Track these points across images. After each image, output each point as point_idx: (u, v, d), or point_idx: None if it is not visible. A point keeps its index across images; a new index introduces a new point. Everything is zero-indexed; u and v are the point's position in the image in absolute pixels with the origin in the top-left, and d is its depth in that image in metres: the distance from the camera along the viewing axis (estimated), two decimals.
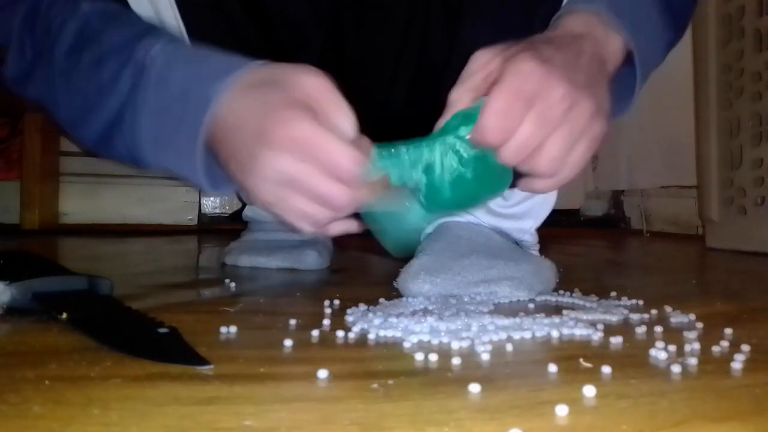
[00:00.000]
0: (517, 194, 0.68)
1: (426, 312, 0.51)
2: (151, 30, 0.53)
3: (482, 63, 0.48)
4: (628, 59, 0.54)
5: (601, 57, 0.50)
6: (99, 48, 0.51)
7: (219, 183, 0.49)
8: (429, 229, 0.69)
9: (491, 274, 0.59)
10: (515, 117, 0.45)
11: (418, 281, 0.58)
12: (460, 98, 0.48)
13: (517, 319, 0.47)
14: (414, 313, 0.51)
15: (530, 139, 0.45)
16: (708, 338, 0.44)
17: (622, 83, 0.55)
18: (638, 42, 0.53)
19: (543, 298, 0.59)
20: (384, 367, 0.37)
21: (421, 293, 0.58)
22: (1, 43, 0.57)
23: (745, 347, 0.40)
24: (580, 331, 0.45)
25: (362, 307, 0.52)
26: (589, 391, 0.32)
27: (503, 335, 0.43)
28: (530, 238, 0.72)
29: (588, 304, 0.55)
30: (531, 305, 0.56)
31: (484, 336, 0.42)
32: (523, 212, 0.70)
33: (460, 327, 0.45)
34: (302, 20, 0.68)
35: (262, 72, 0.46)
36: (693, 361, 0.38)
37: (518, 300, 0.58)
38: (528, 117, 0.45)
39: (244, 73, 0.46)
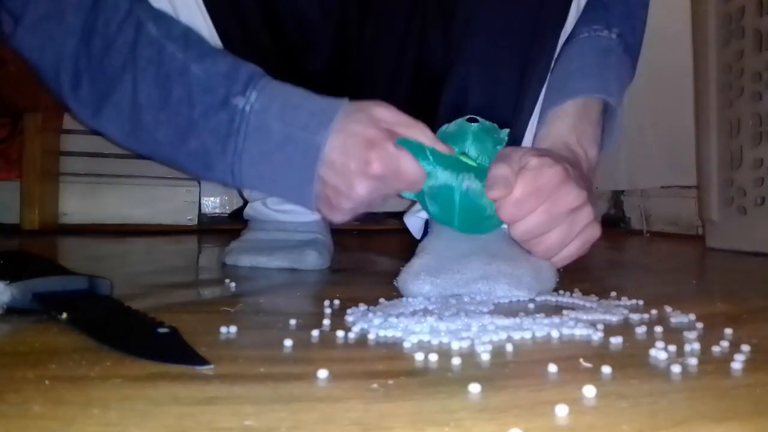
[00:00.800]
0: None
1: (426, 312, 0.51)
2: (234, 62, 0.57)
3: (513, 152, 0.57)
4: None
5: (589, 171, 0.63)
6: (187, 84, 0.56)
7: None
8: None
9: (490, 270, 0.59)
10: (529, 207, 0.55)
11: (419, 282, 0.58)
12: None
13: (517, 319, 0.47)
14: (414, 313, 0.51)
15: (537, 227, 0.56)
16: (708, 338, 0.44)
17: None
18: (620, 118, 0.68)
19: (543, 298, 0.59)
20: (384, 367, 0.37)
21: (422, 293, 0.58)
22: (42, 65, 0.57)
23: (745, 347, 0.40)
24: (580, 331, 0.45)
25: (362, 307, 0.52)
26: (589, 391, 0.32)
27: (503, 335, 0.43)
28: None
29: (588, 304, 0.55)
30: (531, 305, 0.56)
31: (484, 336, 0.42)
32: None
33: (460, 327, 0.45)
34: (312, 21, 0.69)
35: (347, 111, 0.56)
36: (693, 361, 0.38)
37: (518, 300, 0.58)
38: (540, 208, 0.55)
39: (338, 118, 0.55)
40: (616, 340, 0.43)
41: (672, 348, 0.40)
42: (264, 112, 0.55)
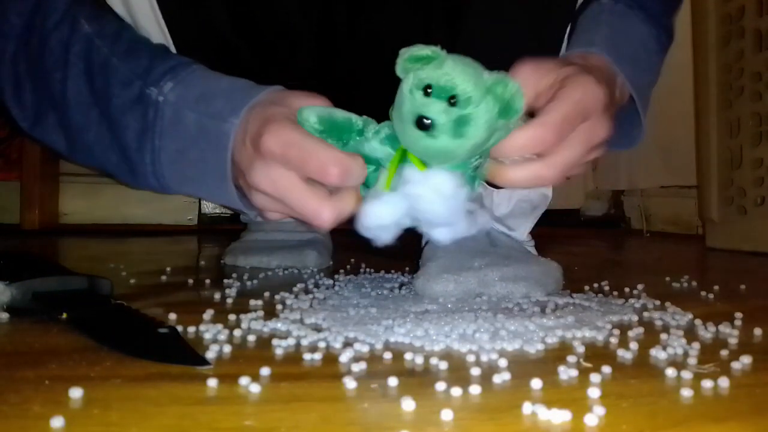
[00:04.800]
0: (512, 196, 0.68)
1: (429, 313, 0.51)
2: (158, 57, 0.53)
3: (534, 79, 0.45)
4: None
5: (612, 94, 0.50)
6: (106, 78, 0.51)
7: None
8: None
9: (508, 273, 0.59)
10: (568, 130, 0.43)
11: (442, 281, 0.58)
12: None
13: (519, 320, 0.47)
14: (417, 314, 0.51)
15: (576, 161, 0.44)
16: (708, 338, 0.44)
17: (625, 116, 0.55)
18: (637, 83, 0.53)
19: (545, 298, 0.59)
20: (384, 367, 0.37)
21: (446, 292, 0.57)
22: None
23: (745, 347, 0.40)
24: (581, 332, 0.45)
25: (362, 310, 0.52)
26: (589, 391, 0.32)
27: (504, 335, 0.43)
28: (527, 237, 0.72)
29: (589, 304, 0.55)
30: (532, 306, 0.56)
31: (485, 336, 0.42)
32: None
33: (461, 328, 0.45)
34: (293, 26, 0.68)
35: (266, 97, 0.47)
36: (693, 361, 0.38)
37: (524, 300, 0.58)
38: (577, 139, 0.43)
39: (253, 102, 0.47)
40: (616, 341, 0.43)
41: (672, 348, 0.40)
42: (179, 102, 0.49)
